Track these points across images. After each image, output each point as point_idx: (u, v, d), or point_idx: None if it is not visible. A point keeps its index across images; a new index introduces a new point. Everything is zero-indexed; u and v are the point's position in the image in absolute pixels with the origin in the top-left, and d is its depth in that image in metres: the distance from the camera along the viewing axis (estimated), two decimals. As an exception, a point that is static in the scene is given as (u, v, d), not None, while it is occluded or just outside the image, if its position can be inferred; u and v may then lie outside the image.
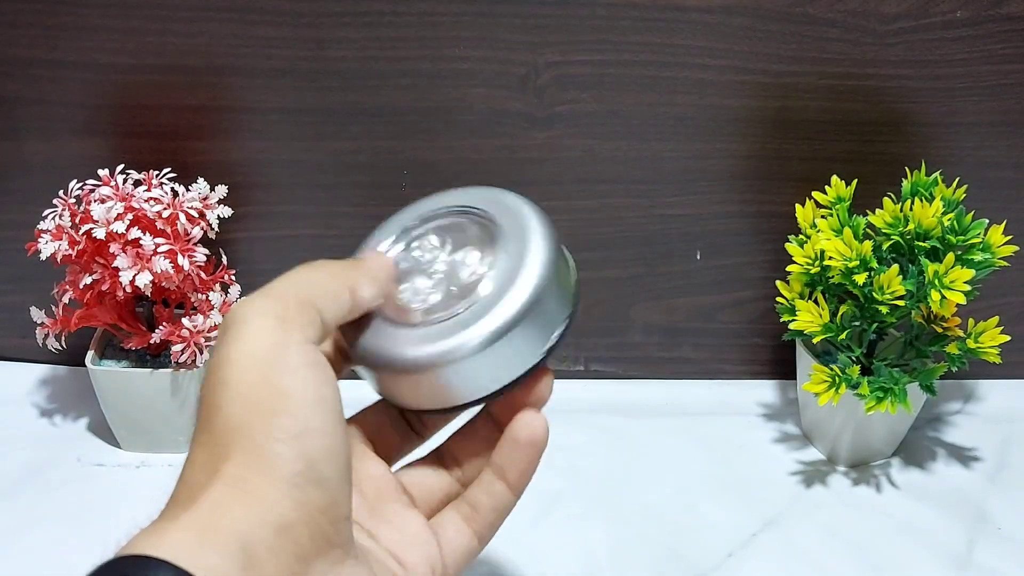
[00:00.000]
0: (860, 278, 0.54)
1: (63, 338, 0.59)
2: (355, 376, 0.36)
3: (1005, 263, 0.55)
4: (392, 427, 0.38)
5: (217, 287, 0.59)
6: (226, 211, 0.59)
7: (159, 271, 0.54)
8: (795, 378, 0.66)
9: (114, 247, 0.55)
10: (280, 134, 0.62)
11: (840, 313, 0.58)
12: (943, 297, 0.53)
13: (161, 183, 0.58)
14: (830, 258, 0.55)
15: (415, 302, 0.35)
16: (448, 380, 0.33)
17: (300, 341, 0.30)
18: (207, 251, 0.57)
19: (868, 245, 0.55)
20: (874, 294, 0.55)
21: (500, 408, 0.36)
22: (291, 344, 0.30)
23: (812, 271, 0.57)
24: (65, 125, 0.62)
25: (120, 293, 0.55)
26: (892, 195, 0.57)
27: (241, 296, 0.60)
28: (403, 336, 0.34)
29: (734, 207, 0.65)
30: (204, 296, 0.59)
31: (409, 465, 0.38)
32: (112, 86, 0.61)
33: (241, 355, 0.29)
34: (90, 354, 0.60)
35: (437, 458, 0.38)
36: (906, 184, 0.58)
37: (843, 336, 0.57)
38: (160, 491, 0.28)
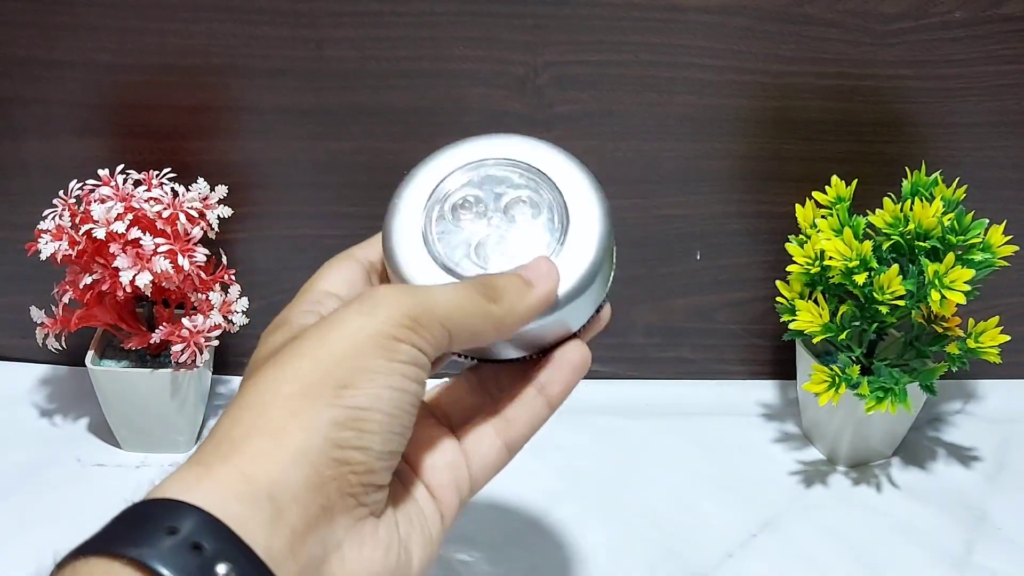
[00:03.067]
0: (860, 278, 0.54)
1: (63, 338, 0.59)
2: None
3: (1005, 263, 0.55)
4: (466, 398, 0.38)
5: (217, 287, 0.59)
6: (226, 211, 0.59)
7: (159, 271, 0.54)
8: (795, 378, 0.66)
9: (114, 247, 0.55)
10: (279, 134, 0.62)
11: (840, 313, 0.58)
12: (943, 297, 0.53)
13: (161, 183, 0.58)
14: (830, 258, 0.55)
15: (478, 262, 0.36)
16: (553, 323, 0.35)
17: (416, 345, 0.31)
18: (207, 251, 0.57)
19: (868, 245, 0.55)
20: (874, 294, 0.55)
21: (548, 376, 0.38)
22: (405, 342, 0.30)
23: (812, 271, 0.57)
24: (64, 125, 0.62)
25: (120, 293, 0.55)
26: (892, 195, 0.57)
27: (241, 296, 0.60)
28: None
29: (734, 207, 0.65)
30: (204, 296, 0.59)
31: (447, 386, 0.38)
32: (111, 86, 0.61)
33: (355, 327, 0.30)
34: (90, 354, 0.60)
35: (475, 381, 0.38)
36: (906, 184, 0.58)
37: (843, 336, 0.57)
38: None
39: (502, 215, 0.37)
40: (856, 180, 0.59)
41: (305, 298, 0.35)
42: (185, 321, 0.57)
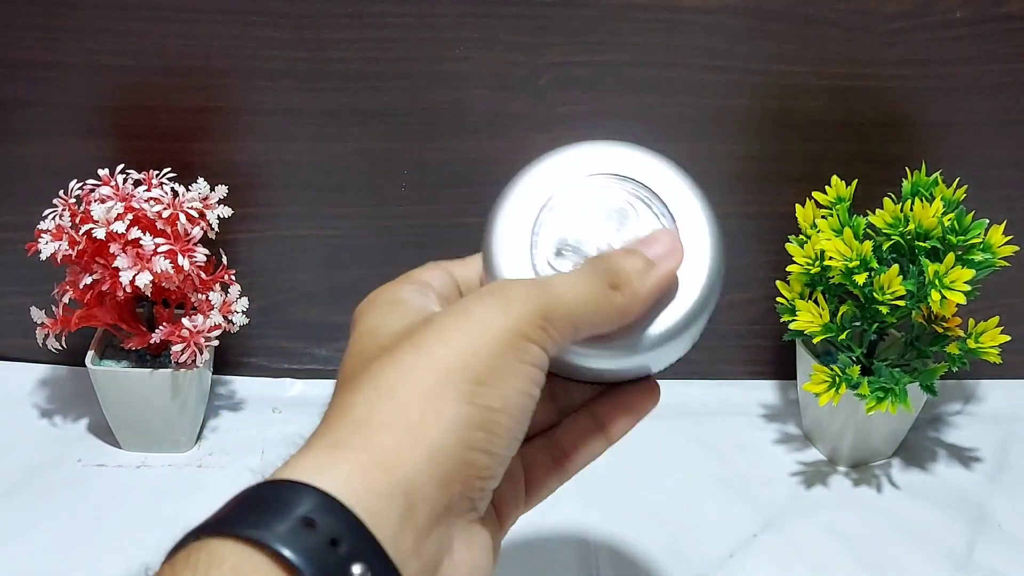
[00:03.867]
0: (860, 278, 0.54)
1: (63, 338, 0.59)
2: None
3: (1005, 263, 0.55)
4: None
5: (217, 287, 0.59)
6: (226, 211, 0.59)
7: (159, 271, 0.54)
8: (796, 378, 0.66)
9: (114, 247, 0.55)
10: (280, 135, 0.62)
11: (840, 313, 0.57)
12: (943, 297, 0.53)
13: (161, 183, 0.58)
14: (830, 258, 0.55)
15: None
16: (636, 367, 0.34)
17: (544, 345, 0.30)
18: (207, 251, 0.57)
19: (868, 245, 0.55)
20: (874, 294, 0.54)
21: (607, 411, 0.38)
22: (535, 342, 0.30)
23: (812, 271, 0.57)
24: (66, 127, 0.62)
25: (120, 293, 0.55)
26: (892, 195, 0.57)
27: (241, 296, 0.60)
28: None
29: (734, 207, 0.65)
30: (204, 296, 0.59)
31: None
32: (112, 88, 0.61)
33: (492, 323, 0.29)
34: (90, 354, 0.60)
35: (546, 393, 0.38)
36: (906, 184, 0.58)
37: (843, 336, 0.57)
38: (161, 491, 0.28)
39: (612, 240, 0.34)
40: (856, 180, 0.59)
41: (411, 279, 0.34)
42: (185, 321, 0.57)
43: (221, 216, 0.59)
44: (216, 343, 0.59)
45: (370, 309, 0.32)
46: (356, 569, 0.25)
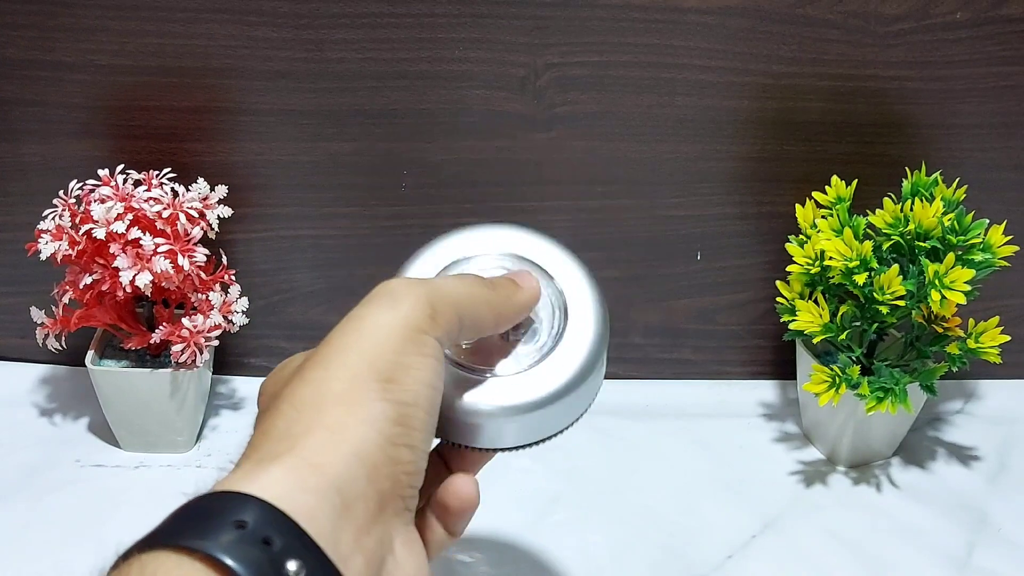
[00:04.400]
0: (860, 278, 0.54)
1: (63, 338, 0.59)
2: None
3: (1005, 263, 0.55)
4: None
5: (217, 287, 0.59)
6: (226, 211, 0.59)
7: (159, 271, 0.54)
8: (795, 378, 0.66)
9: (114, 247, 0.55)
10: (279, 135, 0.62)
11: (840, 313, 0.57)
12: (943, 297, 0.53)
13: (161, 183, 0.58)
14: (830, 258, 0.55)
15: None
16: (515, 426, 0.35)
17: (437, 336, 0.31)
18: (207, 251, 0.57)
19: (868, 245, 0.55)
20: (874, 294, 0.54)
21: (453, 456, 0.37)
22: (429, 333, 0.31)
23: (812, 271, 0.57)
24: (64, 127, 0.62)
25: (120, 293, 0.55)
26: (892, 195, 0.57)
27: (241, 296, 0.60)
28: (485, 385, 0.35)
29: (734, 208, 0.65)
30: (204, 296, 0.59)
31: None
32: (111, 88, 0.61)
33: (387, 321, 0.30)
34: (90, 354, 0.60)
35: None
36: (906, 184, 0.58)
37: (843, 336, 0.57)
38: (159, 491, 0.28)
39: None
40: (856, 180, 0.59)
41: None
42: (185, 321, 0.57)
43: (221, 216, 0.59)
44: (216, 343, 0.59)
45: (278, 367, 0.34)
46: (291, 566, 0.25)
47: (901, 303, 0.54)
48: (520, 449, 0.36)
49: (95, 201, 0.56)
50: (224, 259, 0.60)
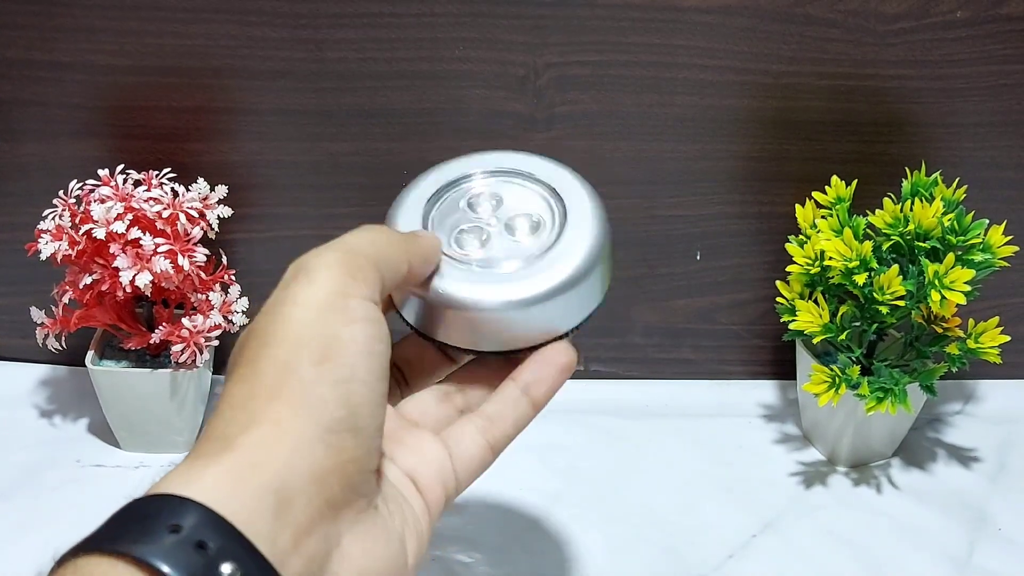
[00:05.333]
0: (860, 278, 0.54)
1: (63, 338, 0.59)
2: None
3: (1005, 263, 0.55)
4: (424, 357, 0.39)
5: (217, 287, 0.59)
6: (226, 211, 0.59)
7: (159, 271, 0.54)
8: (795, 378, 0.66)
9: (114, 247, 0.55)
10: (279, 135, 0.62)
11: (840, 313, 0.57)
12: (943, 297, 0.53)
13: (161, 183, 0.58)
14: (830, 258, 0.55)
15: (471, 250, 0.37)
16: (526, 322, 0.36)
17: (363, 296, 0.31)
18: (207, 251, 0.57)
19: (868, 245, 0.55)
20: (874, 294, 0.54)
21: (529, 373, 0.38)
22: (353, 296, 0.30)
23: (812, 271, 0.57)
24: (63, 127, 0.62)
25: (120, 293, 0.55)
26: (892, 195, 0.57)
27: (241, 296, 0.60)
28: (485, 279, 0.36)
29: (734, 208, 0.65)
30: (204, 296, 0.59)
31: (412, 399, 0.38)
32: (110, 88, 0.61)
33: (305, 298, 0.30)
34: (90, 354, 0.60)
35: (438, 390, 0.38)
36: (906, 184, 0.58)
37: (843, 336, 0.57)
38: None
39: (503, 227, 0.38)
40: (856, 180, 0.59)
41: None
42: (185, 321, 0.57)
43: (221, 216, 0.59)
44: (216, 343, 0.59)
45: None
46: (226, 569, 0.25)
47: (901, 303, 0.54)
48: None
49: (95, 201, 0.56)
50: (224, 259, 0.60)
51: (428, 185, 0.39)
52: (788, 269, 0.58)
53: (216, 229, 0.59)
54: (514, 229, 0.38)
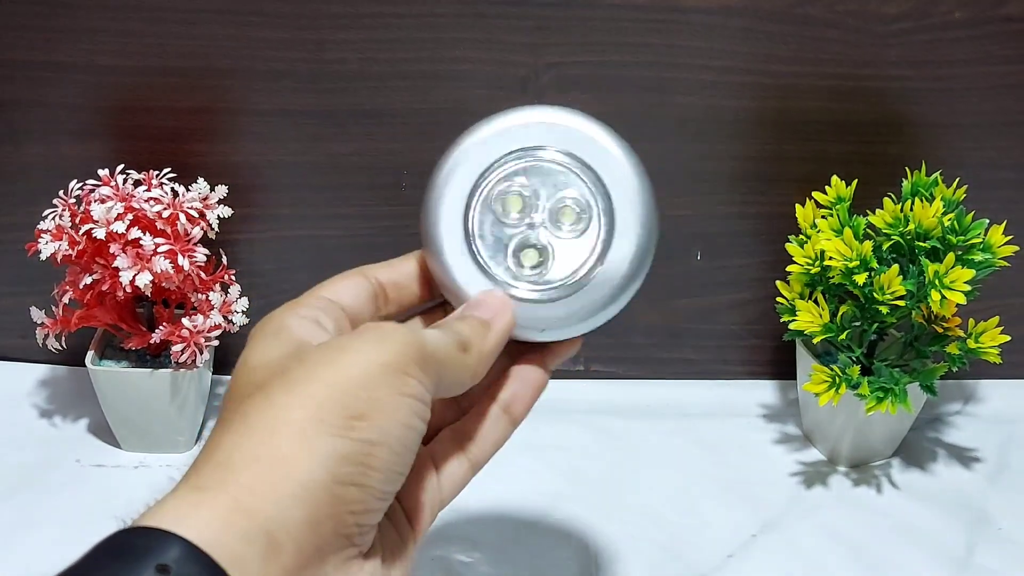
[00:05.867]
0: (860, 278, 0.54)
1: (63, 338, 0.59)
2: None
3: (1005, 263, 0.55)
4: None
5: (217, 287, 0.59)
6: (226, 211, 0.59)
7: (159, 271, 0.54)
8: (796, 378, 0.66)
9: (114, 247, 0.55)
10: (280, 136, 0.62)
11: (840, 313, 0.57)
12: (943, 297, 0.53)
13: (161, 183, 0.58)
14: (830, 258, 0.55)
15: (529, 271, 0.37)
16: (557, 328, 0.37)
17: (420, 380, 0.30)
18: (207, 251, 0.57)
19: (868, 245, 0.55)
20: (874, 294, 0.54)
21: (530, 360, 0.38)
22: (413, 376, 0.30)
23: (812, 271, 0.57)
24: (64, 128, 0.62)
25: (120, 293, 0.55)
26: (892, 195, 0.57)
27: (241, 296, 0.60)
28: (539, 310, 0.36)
29: (734, 208, 0.65)
30: (204, 296, 0.59)
31: None
32: (111, 88, 0.61)
33: (369, 355, 0.30)
34: (90, 354, 0.60)
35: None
36: (906, 184, 0.58)
37: (843, 336, 0.57)
38: (160, 491, 0.28)
39: (548, 218, 0.36)
40: (856, 180, 0.59)
41: (305, 302, 0.34)
42: (185, 321, 0.57)
43: (221, 216, 0.59)
44: (216, 343, 0.59)
45: (255, 338, 0.32)
46: None
47: (901, 303, 0.54)
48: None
49: (95, 201, 0.56)
50: (224, 259, 0.60)
51: (459, 187, 0.37)
52: (788, 269, 0.58)
53: (216, 229, 0.59)
54: (560, 223, 0.37)
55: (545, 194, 0.37)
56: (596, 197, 0.37)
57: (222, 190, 0.59)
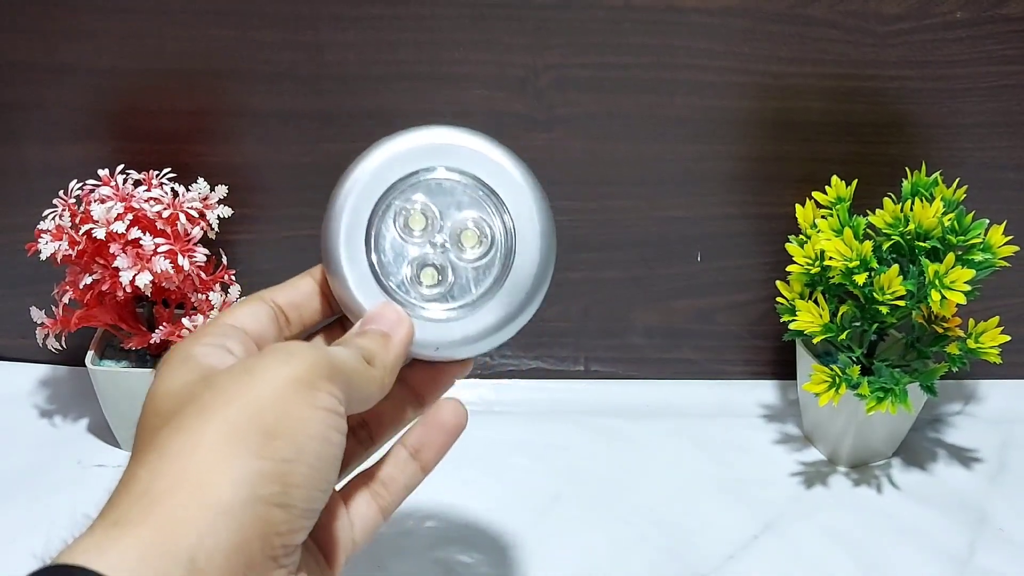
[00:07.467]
0: (860, 278, 0.54)
1: (63, 338, 0.59)
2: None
3: (1005, 263, 0.55)
4: (392, 408, 0.39)
5: (217, 287, 0.59)
6: (226, 211, 0.59)
7: (159, 271, 0.54)
8: (796, 378, 0.66)
9: (114, 247, 0.55)
10: (279, 137, 0.62)
11: (840, 313, 0.57)
12: (943, 297, 0.53)
13: (161, 183, 0.58)
14: (830, 258, 0.55)
15: (429, 290, 0.37)
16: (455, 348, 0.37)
17: (331, 392, 0.31)
18: (207, 251, 0.57)
19: (868, 245, 0.55)
20: (874, 294, 0.54)
21: (422, 380, 0.39)
22: (322, 390, 0.30)
23: (812, 271, 0.57)
24: (65, 129, 0.62)
25: (120, 293, 0.55)
26: (892, 195, 0.57)
27: (241, 296, 0.60)
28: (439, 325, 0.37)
29: (734, 208, 0.65)
30: (204, 296, 0.59)
31: None
32: (112, 90, 0.61)
33: (275, 374, 0.30)
34: (90, 354, 0.60)
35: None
36: (906, 184, 0.58)
37: (843, 336, 0.57)
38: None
39: (449, 239, 0.37)
40: (856, 180, 0.59)
41: (209, 331, 0.34)
42: (185, 321, 0.57)
43: (221, 216, 0.59)
44: (216, 343, 0.59)
45: (163, 370, 0.32)
46: None
47: (901, 303, 0.54)
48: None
49: (95, 201, 0.56)
50: (224, 259, 0.60)
51: (361, 204, 0.38)
52: (788, 269, 0.58)
53: (216, 229, 0.59)
54: (461, 244, 0.38)
55: (447, 215, 0.38)
56: (497, 219, 0.38)
57: (222, 190, 0.59)
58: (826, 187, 0.59)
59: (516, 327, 0.38)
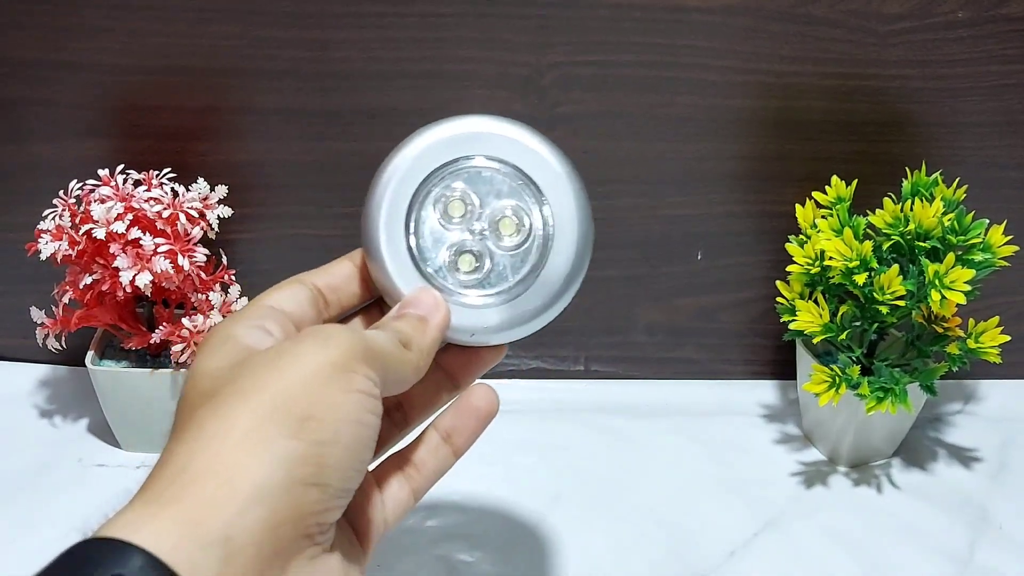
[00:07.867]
0: (860, 278, 0.54)
1: (63, 338, 0.59)
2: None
3: (1005, 263, 0.55)
4: (426, 390, 0.39)
5: (217, 287, 0.59)
6: (226, 211, 0.59)
7: (159, 271, 0.54)
8: (796, 378, 0.66)
9: (114, 247, 0.55)
10: (282, 135, 0.62)
11: (840, 313, 0.58)
12: (943, 297, 0.53)
13: (161, 183, 0.58)
14: (830, 258, 0.55)
15: (467, 276, 0.38)
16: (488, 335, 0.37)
17: (367, 375, 0.31)
18: (207, 251, 0.57)
19: (868, 245, 0.55)
20: (874, 294, 0.55)
21: (456, 364, 0.39)
22: (358, 373, 0.31)
23: (812, 271, 0.57)
24: (67, 126, 0.62)
25: (120, 293, 0.55)
26: (892, 195, 0.57)
27: (241, 296, 0.60)
28: (479, 311, 0.37)
29: (735, 207, 0.65)
30: (204, 296, 0.59)
31: None
32: (115, 87, 0.61)
33: (312, 358, 0.30)
34: (90, 354, 0.60)
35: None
36: (906, 184, 0.58)
37: (843, 336, 0.57)
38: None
39: (487, 227, 0.38)
40: (856, 180, 0.59)
41: (249, 312, 0.35)
42: (185, 321, 0.57)
43: (221, 216, 0.59)
44: (216, 343, 0.58)
45: (204, 349, 0.33)
46: None
47: (901, 303, 0.54)
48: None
49: (95, 201, 0.56)
50: (224, 259, 0.60)
51: (402, 190, 0.38)
52: (788, 269, 0.58)
53: (216, 229, 0.59)
54: (499, 232, 0.38)
55: (486, 202, 0.38)
56: (535, 208, 0.38)
57: (222, 190, 0.59)
58: (826, 187, 0.59)
59: (551, 315, 0.38)
